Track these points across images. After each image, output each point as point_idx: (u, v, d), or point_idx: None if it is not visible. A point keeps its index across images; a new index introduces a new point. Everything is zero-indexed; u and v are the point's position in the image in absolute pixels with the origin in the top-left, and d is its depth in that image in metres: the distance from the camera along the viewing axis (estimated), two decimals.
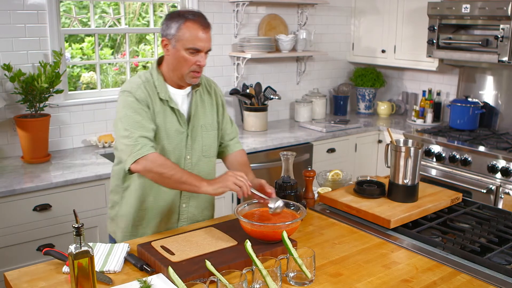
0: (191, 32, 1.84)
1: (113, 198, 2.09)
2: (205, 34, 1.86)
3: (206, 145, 2.03)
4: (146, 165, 1.80)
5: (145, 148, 1.81)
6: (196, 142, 2.00)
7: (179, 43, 1.85)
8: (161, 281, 1.50)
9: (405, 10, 4.16)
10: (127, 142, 1.83)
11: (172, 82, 1.97)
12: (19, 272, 1.59)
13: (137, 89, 1.90)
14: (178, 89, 1.99)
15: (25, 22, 3.01)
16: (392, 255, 1.75)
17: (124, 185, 2.02)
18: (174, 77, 1.94)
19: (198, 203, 2.07)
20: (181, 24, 1.84)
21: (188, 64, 1.87)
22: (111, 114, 3.45)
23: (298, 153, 3.50)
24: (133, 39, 4.37)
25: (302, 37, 4.12)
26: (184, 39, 1.84)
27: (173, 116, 1.95)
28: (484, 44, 3.49)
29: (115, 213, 2.08)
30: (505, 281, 1.57)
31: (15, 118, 2.95)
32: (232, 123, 2.20)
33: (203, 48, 1.87)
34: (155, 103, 1.92)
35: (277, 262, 1.50)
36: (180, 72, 1.90)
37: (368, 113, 4.63)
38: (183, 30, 1.84)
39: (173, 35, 1.86)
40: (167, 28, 1.88)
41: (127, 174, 1.95)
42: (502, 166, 3.21)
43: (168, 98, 1.93)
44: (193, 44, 1.84)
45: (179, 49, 1.86)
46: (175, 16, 1.87)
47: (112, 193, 2.09)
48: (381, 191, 2.14)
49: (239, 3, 3.82)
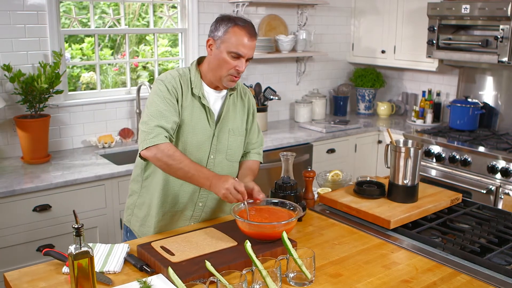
0: (237, 37, 1.87)
1: (132, 187, 2.12)
2: (250, 42, 1.90)
3: (231, 148, 2.05)
4: (157, 153, 1.83)
5: (158, 137, 1.84)
6: (222, 144, 2.02)
7: (224, 45, 1.89)
8: (161, 281, 1.50)
9: (405, 10, 4.16)
10: (144, 128, 1.88)
11: (209, 82, 1.99)
12: (19, 273, 1.59)
13: (171, 80, 1.94)
14: (214, 90, 2.01)
15: (25, 23, 3.01)
16: (392, 256, 1.75)
17: (144, 175, 2.04)
18: (212, 78, 1.97)
19: (214, 204, 2.08)
20: (229, 27, 1.88)
21: (228, 67, 1.90)
22: (111, 114, 3.45)
23: (298, 154, 3.50)
24: (133, 39, 4.36)
25: (302, 37, 4.12)
26: (229, 43, 1.88)
27: (203, 113, 1.98)
28: (484, 45, 3.49)
29: (132, 201, 2.11)
30: (505, 281, 1.57)
31: (15, 119, 2.95)
32: (259, 133, 2.21)
33: (245, 55, 1.90)
34: (186, 97, 1.95)
35: (277, 262, 1.50)
36: (219, 74, 1.93)
37: (368, 113, 4.63)
38: (230, 34, 1.88)
39: (219, 37, 1.89)
40: (215, 30, 1.92)
41: (148, 164, 2.01)
42: (502, 166, 3.21)
43: (201, 95, 1.96)
44: (237, 49, 1.88)
45: (222, 51, 1.89)
46: (225, 20, 1.91)
47: (132, 182, 2.12)
48: (381, 191, 2.14)
49: (239, 4, 3.82)
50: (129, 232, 2.15)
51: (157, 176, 2.00)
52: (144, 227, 2.06)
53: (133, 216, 2.11)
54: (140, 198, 2.08)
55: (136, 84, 3.60)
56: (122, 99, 3.49)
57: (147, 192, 2.05)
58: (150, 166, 2.01)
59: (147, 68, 4.35)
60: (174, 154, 1.83)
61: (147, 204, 2.05)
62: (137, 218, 2.09)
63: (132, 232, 2.12)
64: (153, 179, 2.01)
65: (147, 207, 2.05)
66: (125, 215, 2.17)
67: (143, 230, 2.06)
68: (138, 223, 2.08)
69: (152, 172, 2.01)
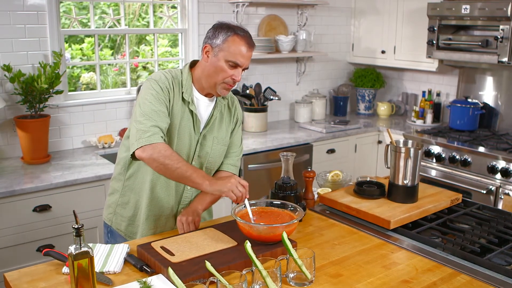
0: (236, 47, 1.87)
1: (113, 186, 2.09)
2: (249, 52, 1.90)
3: (212, 157, 2.03)
4: (153, 154, 1.78)
5: (155, 137, 1.80)
6: (205, 151, 2.01)
7: (222, 53, 1.87)
8: (161, 281, 1.50)
9: (405, 10, 4.17)
10: (139, 127, 1.82)
11: (200, 88, 1.97)
12: (19, 273, 1.59)
13: (164, 81, 1.91)
14: (204, 96, 2.00)
15: (25, 23, 3.01)
16: (392, 256, 1.75)
17: (127, 174, 2.02)
18: (206, 84, 1.95)
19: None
20: (229, 36, 1.87)
21: (224, 76, 1.89)
22: (111, 114, 3.45)
23: (298, 154, 3.50)
24: (133, 39, 4.37)
25: (302, 37, 4.12)
26: (228, 51, 1.87)
27: (190, 118, 1.97)
28: (484, 45, 3.49)
29: (113, 200, 2.08)
30: (505, 281, 1.57)
31: (15, 119, 2.95)
32: (241, 144, 2.17)
33: (242, 64, 1.90)
34: (177, 100, 1.93)
35: (277, 262, 1.50)
36: (214, 81, 1.91)
37: (368, 113, 4.63)
38: (230, 42, 1.87)
39: (218, 45, 1.88)
40: (213, 37, 1.90)
41: (131, 163, 1.98)
42: (502, 166, 3.22)
43: (191, 100, 1.95)
44: (235, 58, 1.87)
45: (220, 59, 1.88)
46: (224, 28, 1.90)
47: (113, 180, 2.10)
48: (381, 191, 2.14)
49: (239, 4, 3.82)
50: (110, 232, 2.12)
51: (140, 176, 1.99)
52: (133, 227, 2.05)
53: (115, 215, 2.08)
54: (123, 197, 2.05)
55: (136, 85, 3.60)
56: (122, 99, 3.49)
57: (130, 192, 2.03)
58: (133, 165, 1.99)
59: (147, 68, 4.35)
60: (172, 154, 1.79)
61: (133, 203, 2.03)
62: (122, 217, 2.06)
63: (114, 232, 2.10)
64: (136, 178, 2.00)
65: (133, 207, 2.03)
66: (105, 213, 2.13)
67: (131, 230, 2.05)
68: (125, 223, 2.06)
69: (135, 172, 2.00)
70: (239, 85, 3.98)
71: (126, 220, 2.06)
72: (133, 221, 2.05)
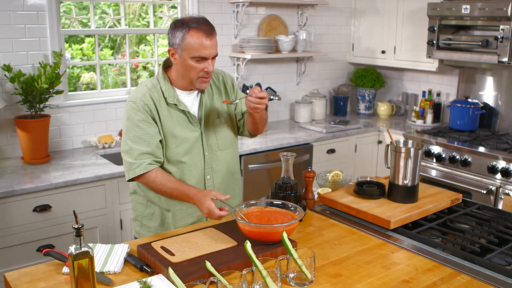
0: (196, 41, 1.85)
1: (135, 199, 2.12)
2: (210, 41, 1.88)
3: (220, 138, 2.06)
4: (142, 181, 1.94)
5: (140, 167, 1.89)
6: (210, 138, 2.04)
7: (185, 52, 1.87)
8: (161, 281, 1.50)
9: (405, 10, 4.16)
10: (127, 158, 1.92)
11: (182, 86, 2.00)
12: (19, 273, 1.59)
13: (142, 98, 1.93)
14: (188, 92, 2.01)
15: (25, 23, 3.01)
16: (392, 256, 1.75)
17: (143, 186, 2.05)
18: (184, 83, 1.97)
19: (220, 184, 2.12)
20: (185, 33, 1.86)
21: (196, 72, 1.90)
22: (111, 114, 3.45)
23: (298, 154, 3.50)
24: (133, 39, 4.37)
25: (302, 37, 4.12)
26: (189, 48, 1.86)
27: (184, 118, 1.98)
28: (484, 45, 3.49)
29: (139, 213, 2.12)
30: (505, 281, 1.57)
31: (15, 119, 2.95)
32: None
33: (208, 55, 1.89)
34: (161, 109, 1.95)
35: (277, 262, 1.50)
36: (189, 79, 1.94)
37: (368, 113, 4.63)
38: (188, 39, 1.85)
39: (179, 45, 1.88)
40: (172, 38, 1.90)
41: None
42: (502, 166, 3.21)
43: (177, 102, 1.96)
44: (199, 53, 1.86)
45: (186, 58, 1.88)
46: (179, 25, 1.88)
47: (132, 194, 2.13)
48: (381, 191, 2.14)
49: (239, 4, 3.82)
50: None
51: None
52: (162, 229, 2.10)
53: (143, 228, 2.11)
54: (148, 209, 2.08)
55: (136, 85, 3.60)
56: (122, 99, 3.49)
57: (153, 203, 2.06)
58: None
59: (147, 68, 4.35)
60: (155, 181, 1.90)
61: (158, 214, 2.07)
62: (150, 228, 2.09)
63: None
64: None
65: (159, 217, 2.07)
66: (134, 226, 2.16)
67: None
68: (153, 233, 2.08)
69: None
70: (239, 85, 3.98)
71: (153, 230, 2.09)
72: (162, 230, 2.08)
